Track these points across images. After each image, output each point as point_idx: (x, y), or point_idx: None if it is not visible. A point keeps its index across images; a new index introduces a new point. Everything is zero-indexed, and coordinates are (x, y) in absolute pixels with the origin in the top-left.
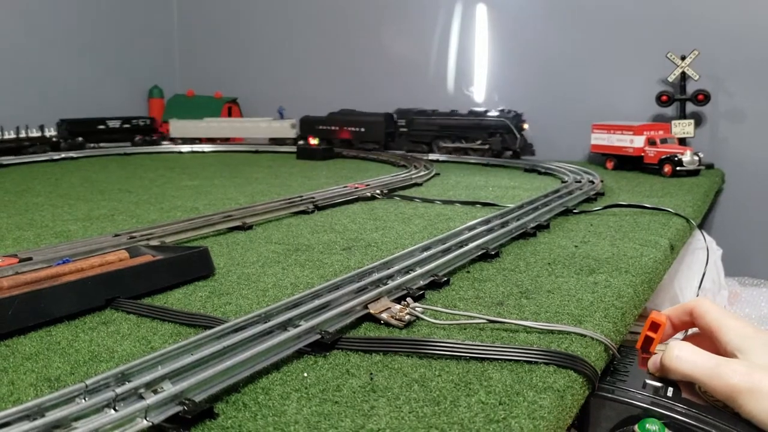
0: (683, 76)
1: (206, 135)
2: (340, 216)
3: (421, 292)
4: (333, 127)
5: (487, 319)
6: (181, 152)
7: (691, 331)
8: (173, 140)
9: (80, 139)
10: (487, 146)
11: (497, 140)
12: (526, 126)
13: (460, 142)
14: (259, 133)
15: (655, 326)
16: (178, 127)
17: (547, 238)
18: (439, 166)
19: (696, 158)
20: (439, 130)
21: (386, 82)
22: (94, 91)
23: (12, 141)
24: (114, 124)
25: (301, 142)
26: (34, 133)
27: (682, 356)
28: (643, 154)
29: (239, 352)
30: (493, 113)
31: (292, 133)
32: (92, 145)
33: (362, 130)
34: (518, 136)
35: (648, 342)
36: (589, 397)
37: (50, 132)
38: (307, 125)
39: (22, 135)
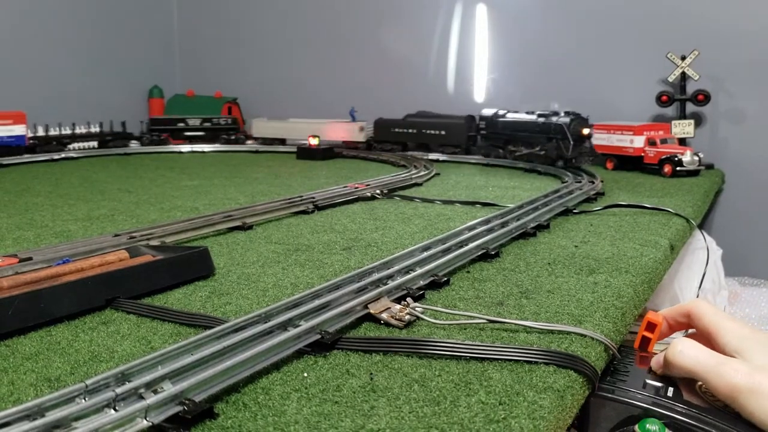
0: (683, 76)
1: (287, 135)
2: (340, 216)
3: (421, 292)
4: (410, 130)
5: (487, 319)
6: (181, 152)
7: (690, 331)
8: (255, 140)
9: (165, 135)
10: (543, 153)
11: (552, 146)
12: (586, 131)
13: (529, 147)
14: (332, 135)
15: (651, 326)
16: (260, 126)
17: (547, 238)
18: (439, 166)
19: (696, 158)
20: (511, 133)
21: (389, 83)
22: (94, 91)
23: (96, 135)
24: (194, 122)
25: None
26: (116, 129)
27: (685, 351)
28: (643, 154)
29: (239, 352)
30: (559, 115)
31: (361, 137)
32: (175, 142)
33: (442, 132)
34: (571, 142)
35: (645, 342)
36: (589, 397)
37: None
38: (382, 128)
39: (106, 130)
